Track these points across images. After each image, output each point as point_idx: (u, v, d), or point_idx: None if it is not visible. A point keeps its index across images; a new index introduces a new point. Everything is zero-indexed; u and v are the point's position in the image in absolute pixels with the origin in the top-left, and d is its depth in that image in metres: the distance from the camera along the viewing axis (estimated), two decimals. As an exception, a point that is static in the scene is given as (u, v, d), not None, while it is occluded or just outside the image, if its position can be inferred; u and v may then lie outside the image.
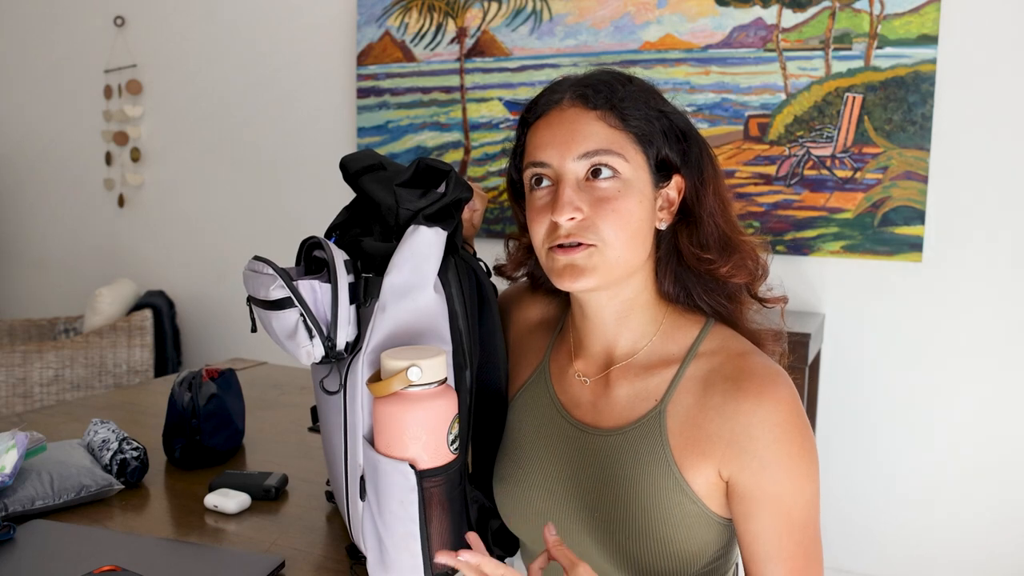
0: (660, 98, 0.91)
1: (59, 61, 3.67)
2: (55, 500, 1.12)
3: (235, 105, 3.28)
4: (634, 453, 0.89)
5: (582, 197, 0.86)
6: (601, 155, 0.86)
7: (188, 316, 3.47)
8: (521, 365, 1.03)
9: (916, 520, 2.34)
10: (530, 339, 1.04)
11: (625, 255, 0.87)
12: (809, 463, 0.85)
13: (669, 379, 0.90)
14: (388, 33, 2.89)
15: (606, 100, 0.87)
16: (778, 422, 0.84)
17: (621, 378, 0.93)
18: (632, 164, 0.87)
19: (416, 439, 0.79)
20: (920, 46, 2.21)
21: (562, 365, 0.99)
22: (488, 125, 2.77)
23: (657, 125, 0.88)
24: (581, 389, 0.95)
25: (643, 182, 0.87)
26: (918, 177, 2.24)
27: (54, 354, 2.97)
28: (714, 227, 0.91)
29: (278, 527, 1.10)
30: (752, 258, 0.92)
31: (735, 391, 0.85)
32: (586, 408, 0.94)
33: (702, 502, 0.87)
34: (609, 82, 0.89)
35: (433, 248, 0.86)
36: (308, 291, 0.85)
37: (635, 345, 0.93)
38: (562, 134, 0.87)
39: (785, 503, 0.84)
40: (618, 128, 0.87)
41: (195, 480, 1.26)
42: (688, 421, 0.87)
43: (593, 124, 0.86)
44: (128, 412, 1.59)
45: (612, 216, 0.85)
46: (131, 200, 3.58)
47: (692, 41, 2.46)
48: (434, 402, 0.79)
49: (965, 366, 2.26)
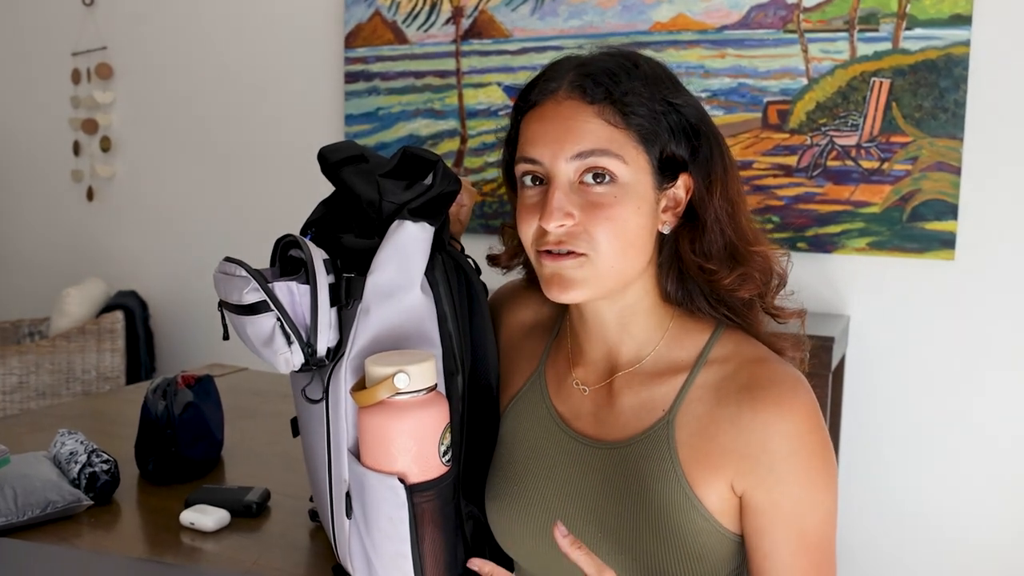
0: (671, 85, 0.89)
1: (23, 43, 3.68)
2: (19, 517, 1.13)
3: (213, 91, 3.28)
4: (641, 467, 0.88)
5: (574, 201, 0.84)
6: (597, 156, 0.84)
7: (162, 318, 3.47)
8: (514, 373, 1.02)
9: (946, 537, 2.34)
10: (523, 344, 1.03)
11: (618, 265, 0.86)
12: (828, 478, 0.86)
13: (678, 387, 0.89)
14: (378, 13, 2.90)
15: (606, 93, 0.85)
16: (796, 434, 0.84)
17: (625, 387, 0.92)
18: (632, 166, 0.85)
19: (405, 451, 0.79)
20: (953, 27, 2.21)
21: (559, 373, 0.98)
22: (486, 112, 2.77)
23: (664, 120, 0.86)
24: (581, 399, 0.95)
25: (643, 185, 0.86)
26: (950, 168, 2.25)
27: (18, 359, 2.98)
28: (718, 234, 0.89)
29: (259, 545, 1.10)
30: (762, 270, 0.90)
31: (750, 400, 0.85)
32: (587, 419, 0.94)
33: (715, 519, 0.87)
34: (612, 70, 0.86)
35: (420, 245, 0.86)
36: (285, 294, 0.84)
37: (639, 352, 0.93)
38: (555, 130, 0.85)
39: (801, 520, 0.85)
40: (618, 126, 0.85)
41: (170, 495, 1.26)
42: (699, 432, 0.87)
43: (590, 121, 0.84)
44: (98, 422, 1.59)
45: (605, 224, 0.84)
46: (101, 193, 3.58)
47: (706, 21, 2.47)
48: (423, 411, 0.79)
49: (1001, 372, 2.26)
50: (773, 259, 0.91)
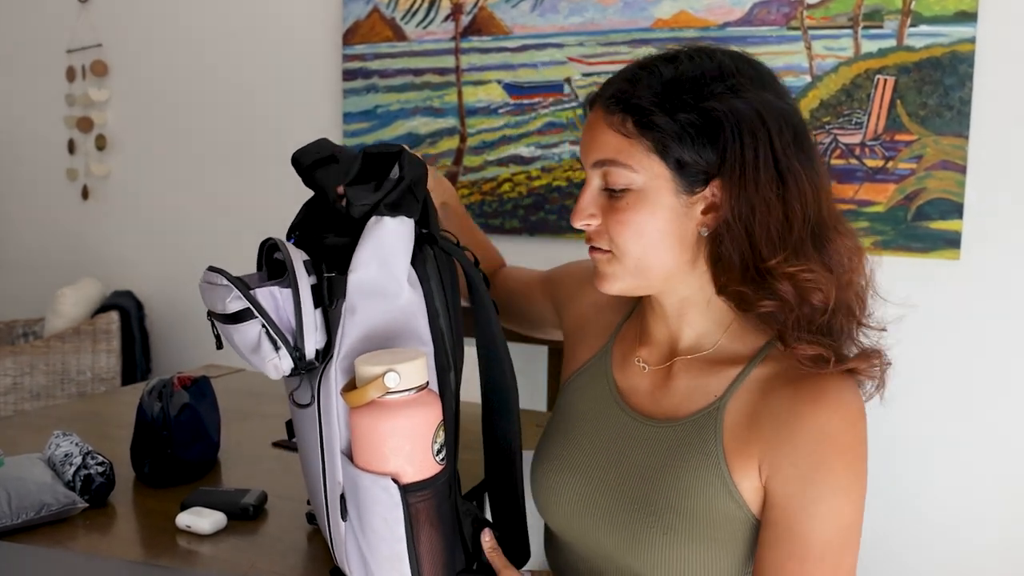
0: (708, 85, 0.87)
1: (16, 40, 3.68)
2: (13, 520, 1.13)
3: (210, 89, 3.28)
4: (684, 446, 0.91)
5: (598, 203, 0.92)
6: (607, 166, 0.90)
7: (158, 319, 3.47)
8: (581, 346, 1.08)
9: (952, 538, 2.34)
10: (596, 319, 1.08)
11: (646, 262, 0.91)
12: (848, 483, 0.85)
13: (733, 377, 0.92)
14: (377, 9, 2.90)
15: (622, 104, 0.90)
16: (828, 430, 0.85)
17: (683, 371, 0.96)
18: (644, 174, 0.88)
19: (398, 451, 0.79)
20: (958, 23, 2.21)
21: (625, 350, 1.03)
22: (486, 110, 2.77)
23: (680, 125, 0.86)
24: (641, 377, 1.00)
25: (661, 191, 0.88)
26: (955, 167, 2.24)
27: (12, 360, 2.97)
28: (732, 248, 0.87)
29: (256, 549, 1.10)
30: (797, 295, 0.86)
31: (794, 393, 0.87)
32: (643, 396, 0.98)
33: (748, 508, 0.89)
34: (635, 78, 0.90)
35: (401, 239, 0.86)
36: (268, 299, 0.85)
37: (699, 341, 0.96)
38: (585, 139, 0.95)
39: (807, 524, 0.84)
40: (630, 135, 0.89)
41: (166, 498, 1.26)
42: (743, 421, 0.90)
43: (605, 132, 0.91)
44: (93, 423, 1.59)
45: (618, 227, 0.91)
46: (96, 192, 3.58)
47: (709, 18, 2.47)
48: (415, 409, 0.79)
49: (1008, 372, 2.26)
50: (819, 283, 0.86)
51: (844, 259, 0.89)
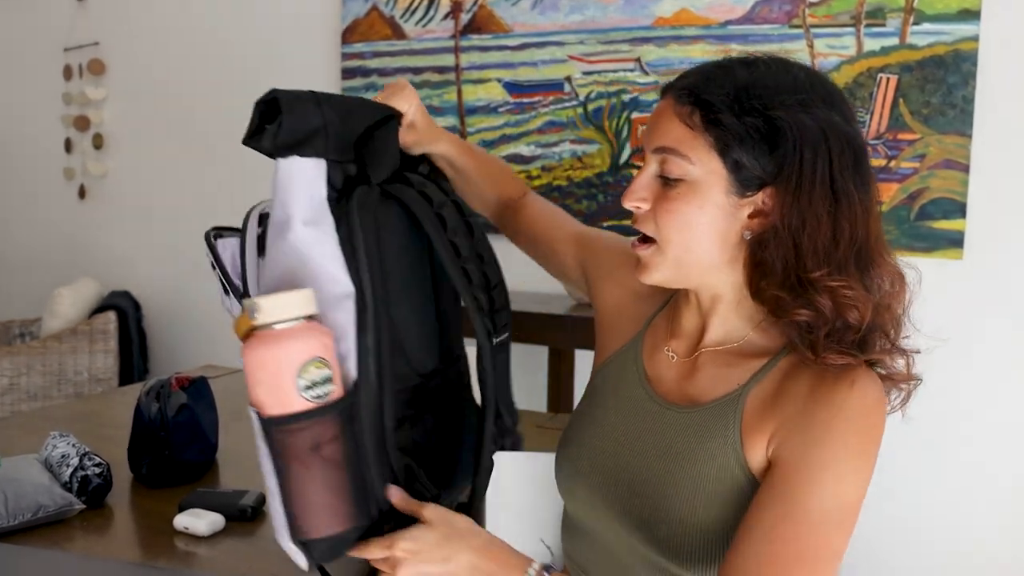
0: (780, 95, 0.89)
1: (13, 39, 3.68)
2: (10, 521, 1.13)
3: (207, 87, 3.28)
4: (704, 430, 0.94)
5: (652, 189, 0.94)
6: (666, 153, 0.92)
7: (156, 319, 3.47)
8: (613, 333, 1.10)
9: (950, 538, 2.34)
10: (632, 307, 1.10)
11: (686, 257, 0.93)
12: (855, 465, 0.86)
13: (758, 367, 0.94)
14: (376, 8, 2.90)
15: (694, 97, 0.91)
16: (844, 407, 0.86)
17: (709, 361, 0.98)
18: (700, 168, 0.90)
19: (258, 382, 0.81)
20: (961, 22, 2.21)
21: (656, 340, 1.05)
22: (486, 109, 2.77)
23: (748, 128, 0.88)
24: (668, 366, 1.02)
25: (713, 188, 0.90)
26: (958, 166, 2.25)
27: (8, 360, 2.98)
28: (776, 254, 0.88)
29: (254, 550, 1.10)
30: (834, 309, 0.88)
31: (815, 379, 0.89)
32: (669, 385, 1.01)
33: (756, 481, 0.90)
34: (710, 75, 0.92)
35: (296, 180, 0.88)
36: (227, 251, 0.92)
37: (727, 335, 0.98)
38: (650, 125, 0.96)
39: (807, 489, 0.85)
40: (695, 128, 0.90)
41: (163, 499, 1.26)
42: (762, 405, 0.92)
43: (672, 121, 0.92)
44: (90, 424, 1.59)
45: (667, 216, 0.92)
46: (93, 191, 3.58)
47: (710, 16, 2.47)
48: (275, 342, 0.80)
49: (1010, 372, 2.26)
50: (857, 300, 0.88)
51: (886, 284, 0.93)
